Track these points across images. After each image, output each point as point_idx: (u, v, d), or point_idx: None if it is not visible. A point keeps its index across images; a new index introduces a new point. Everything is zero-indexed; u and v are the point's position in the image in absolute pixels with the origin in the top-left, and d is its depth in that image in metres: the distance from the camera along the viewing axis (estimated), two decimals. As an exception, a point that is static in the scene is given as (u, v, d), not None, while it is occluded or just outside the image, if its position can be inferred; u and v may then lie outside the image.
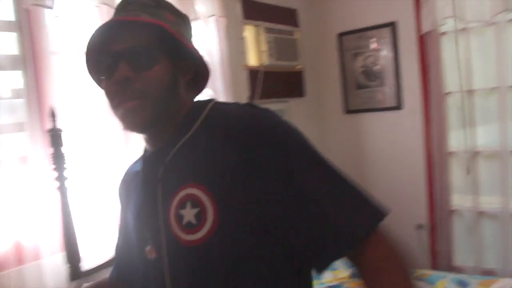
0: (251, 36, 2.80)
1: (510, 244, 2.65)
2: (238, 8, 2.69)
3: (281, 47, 2.93)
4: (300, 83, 3.24)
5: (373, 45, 3.12)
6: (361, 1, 3.12)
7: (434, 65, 2.84)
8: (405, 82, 2.97)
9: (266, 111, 0.80)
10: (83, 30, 1.78)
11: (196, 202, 0.75)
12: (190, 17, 2.30)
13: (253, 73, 2.75)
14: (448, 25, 2.79)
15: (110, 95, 0.80)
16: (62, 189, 1.55)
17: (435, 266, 2.89)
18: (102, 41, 0.78)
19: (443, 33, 2.84)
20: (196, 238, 0.75)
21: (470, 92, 2.79)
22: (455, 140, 2.86)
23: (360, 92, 3.23)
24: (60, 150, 1.55)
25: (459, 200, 2.89)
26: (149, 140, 0.87)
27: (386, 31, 3.04)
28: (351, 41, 3.23)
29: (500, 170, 2.68)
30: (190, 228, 0.76)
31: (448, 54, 2.84)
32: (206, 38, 2.41)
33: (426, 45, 2.86)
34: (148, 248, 0.82)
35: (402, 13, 2.96)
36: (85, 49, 0.82)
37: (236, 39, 2.65)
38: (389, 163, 3.12)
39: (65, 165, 1.56)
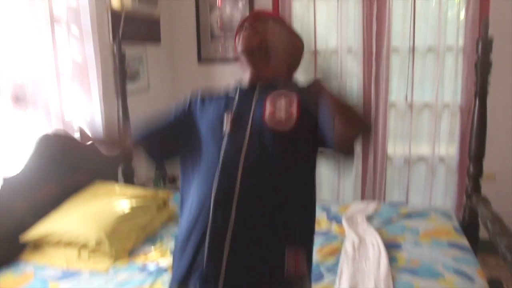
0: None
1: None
2: None
3: (142, -8, 2.73)
4: (157, 30, 3.20)
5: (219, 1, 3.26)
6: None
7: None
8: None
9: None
10: None
11: (288, 98, 1.20)
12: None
13: (115, 15, 2.67)
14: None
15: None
16: None
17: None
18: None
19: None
20: (283, 130, 1.16)
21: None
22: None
23: (214, 42, 3.36)
24: None
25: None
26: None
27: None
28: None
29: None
30: (279, 122, 1.16)
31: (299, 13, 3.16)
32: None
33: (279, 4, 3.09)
34: (225, 123, 1.19)
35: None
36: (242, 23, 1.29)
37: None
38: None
39: None
